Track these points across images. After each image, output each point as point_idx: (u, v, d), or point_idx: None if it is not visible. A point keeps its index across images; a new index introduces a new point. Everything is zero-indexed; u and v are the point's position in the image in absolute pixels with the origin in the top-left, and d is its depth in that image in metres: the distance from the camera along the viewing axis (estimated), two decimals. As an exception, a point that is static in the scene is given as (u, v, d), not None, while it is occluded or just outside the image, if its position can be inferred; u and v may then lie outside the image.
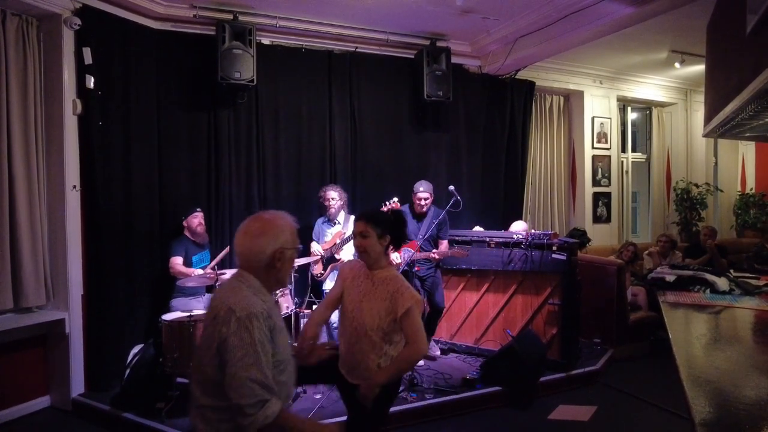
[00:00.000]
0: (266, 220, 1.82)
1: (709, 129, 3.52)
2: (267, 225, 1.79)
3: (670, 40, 5.57)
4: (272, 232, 1.77)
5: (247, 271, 1.78)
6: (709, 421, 1.52)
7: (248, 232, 1.79)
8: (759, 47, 2.24)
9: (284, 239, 1.78)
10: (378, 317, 2.30)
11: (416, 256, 4.38)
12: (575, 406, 3.96)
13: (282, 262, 1.78)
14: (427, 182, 4.64)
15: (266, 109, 4.87)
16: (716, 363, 2.08)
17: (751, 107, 2.46)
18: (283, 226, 1.81)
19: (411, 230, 4.44)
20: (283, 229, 1.80)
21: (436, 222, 4.46)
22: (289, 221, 1.85)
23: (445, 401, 3.86)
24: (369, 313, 2.32)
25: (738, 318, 2.79)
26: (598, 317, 5.10)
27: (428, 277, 4.58)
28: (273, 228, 1.78)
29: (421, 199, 4.55)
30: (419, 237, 4.46)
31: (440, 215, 4.50)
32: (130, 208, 4.23)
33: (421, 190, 4.55)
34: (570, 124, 6.97)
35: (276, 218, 1.83)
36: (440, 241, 4.62)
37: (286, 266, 1.81)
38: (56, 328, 3.89)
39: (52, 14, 3.79)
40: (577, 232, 6.26)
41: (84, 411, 3.83)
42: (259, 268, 1.77)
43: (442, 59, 5.30)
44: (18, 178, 3.71)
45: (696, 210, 7.34)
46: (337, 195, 4.57)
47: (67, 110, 3.87)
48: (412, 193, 4.58)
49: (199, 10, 4.47)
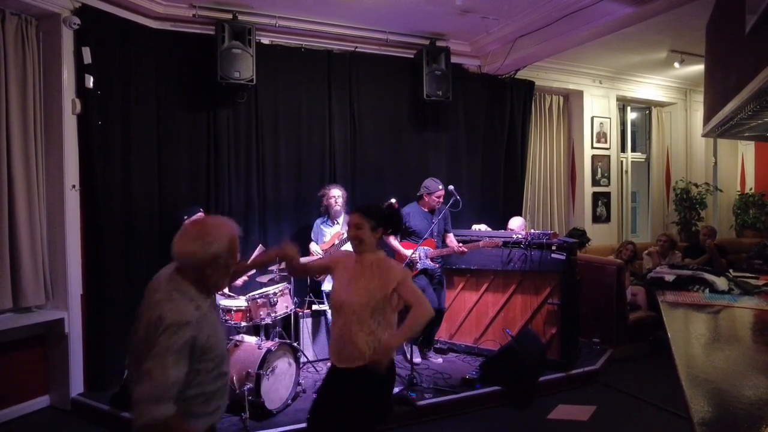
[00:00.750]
0: (205, 224, 1.78)
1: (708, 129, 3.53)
2: (204, 230, 1.73)
3: (669, 39, 5.57)
4: (208, 238, 1.70)
5: (181, 274, 1.73)
6: (708, 420, 1.52)
7: (185, 234, 1.73)
8: (758, 47, 2.24)
9: (218, 247, 1.71)
10: (367, 295, 2.32)
11: (437, 252, 4.46)
12: (575, 406, 3.96)
13: (212, 269, 1.72)
14: (437, 179, 4.63)
15: (266, 109, 4.87)
16: (715, 362, 2.08)
17: (750, 107, 2.46)
18: (221, 233, 1.74)
19: (423, 227, 4.43)
20: (220, 236, 1.72)
21: (441, 218, 4.50)
22: (229, 228, 1.78)
23: (444, 401, 3.86)
24: (357, 292, 2.34)
25: (737, 318, 2.79)
26: (597, 317, 5.10)
27: (437, 276, 4.59)
28: (209, 234, 1.71)
29: (440, 195, 4.53)
30: (435, 235, 4.48)
31: (443, 211, 4.53)
32: (130, 208, 4.23)
33: (440, 187, 4.53)
34: (569, 124, 6.97)
35: (217, 224, 1.77)
36: (447, 235, 4.62)
37: (218, 274, 1.74)
38: (55, 328, 3.89)
39: (51, 14, 3.79)
40: (576, 232, 6.26)
41: (83, 410, 3.84)
42: (192, 273, 1.72)
43: (442, 59, 5.30)
44: (17, 177, 3.71)
45: (695, 210, 7.34)
46: (340, 192, 4.56)
47: (67, 110, 3.87)
48: (427, 192, 4.51)
49: (199, 10, 4.47)
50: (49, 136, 3.90)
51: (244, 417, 3.40)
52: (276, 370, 3.60)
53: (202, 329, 1.67)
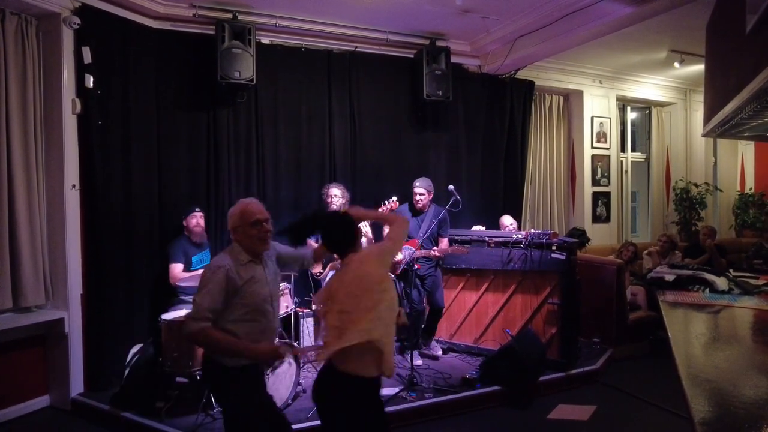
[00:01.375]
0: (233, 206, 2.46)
1: (708, 128, 3.53)
2: (231, 210, 2.45)
3: (669, 39, 5.57)
4: (230, 215, 2.44)
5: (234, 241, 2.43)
6: (709, 420, 1.52)
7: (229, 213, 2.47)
8: (758, 47, 2.24)
9: (234, 221, 2.41)
10: None
11: (417, 254, 4.38)
12: (574, 406, 3.96)
13: (237, 234, 2.40)
14: (425, 179, 4.64)
15: (266, 109, 4.87)
16: (715, 362, 2.08)
17: (750, 107, 2.46)
18: (235, 210, 2.42)
19: (410, 228, 4.43)
20: (233, 212, 2.42)
21: (436, 221, 4.47)
22: (240, 206, 2.43)
23: (444, 401, 3.86)
24: None
25: (737, 317, 2.79)
26: (597, 317, 5.10)
27: (428, 276, 4.58)
28: (231, 213, 2.44)
29: (416, 194, 4.56)
30: (419, 235, 4.46)
31: (441, 213, 4.50)
32: (130, 208, 4.23)
33: (417, 185, 4.56)
34: (569, 124, 6.97)
35: (236, 205, 2.46)
36: (441, 239, 4.62)
37: (246, 240, 2.38)
38: (56, 328, 3.89)
39: (51, 13, 3.79)
40: (576, 232, 6.25)
41: (83, 410, 3.83)
42: (234, 239, 2.42)
43: (442, 59, 5.30)
44: (17, 177, 3.71)
45: (695, 210, 7.35)
46: (339, 192, 4.54)
47: (67, 109, 3.87)
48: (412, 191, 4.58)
49: (199, 10, 4.47)
50: (49, 135, 3.90)
51: (244, 417, 3.40)
52: (276, 370, 3.60)
53: (239, 275, 2.30)
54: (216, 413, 3.48)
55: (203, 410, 3.45)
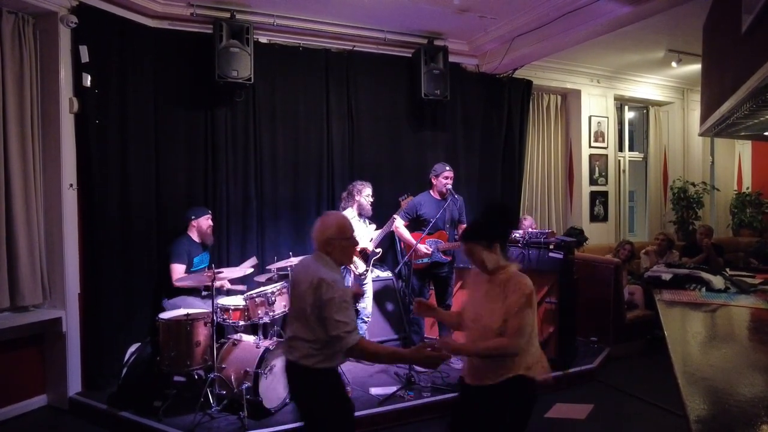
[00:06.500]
0: (324, 218, 2.46)
1: (705, 128, 3.54)
2: (322, 221, 2.42)
3: (667, 39, 5.58)
4: (322, 227, 2.39)
5: (323, 252, 2.38)
6: (704, 418, 1.53)
7: (316, 226, 2.43)
8: (754, 46, 2.25)
9: (330, 232, 2.37)
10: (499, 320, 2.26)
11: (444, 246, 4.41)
12: (572, 405, 3.97)
13: (331, 248, 2.36)
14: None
15: (263, 108, 4.87)
16: (711, 361, 2.10)
17: (746, 106, 2.47)
18: (329, 222, 2.40)
19: (433, 214, 4.40)
20: (328, 224, 2.39)
21: (455, 205, 4.48)
22: (336, 219, 2.44)
23: (442, 400, 3.86)
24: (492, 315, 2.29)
25: (733, 316, 2.80)
26: (594, 316, 5.11)
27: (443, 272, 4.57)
28: (324, 224, 2.40)
29: (448, 178, 4.49)
30: (447, 223, 4.45)
31: (459, 201, 4.52)
32: (127, 207, 4.22)
33: (448, 168, 4.51)
34: (567, 123, 6.98)
35: (328, 217, 2.46)
36: (461, 225, 4.55)
37: (337, 253, 2.37)
38: (53, 327, 3.88)
39: (48, 12, 3.78)
40: (574, 231, 6.26)
41: (81, 410, 3.83)
42: (323, 250, 2.38)
43: (440, 58, 5.30)
44: (14, 176, 3.70)
45: (693, 209, 7.36)
46: (370, 191, 4.53)
47: (64, 108, 3.86)
48: (435, 175, 4.51)
49: (197, 9, 4.46)
50: (46, 134, 3.89)
51: (242, 416, 3.41)
52: (274, 369, 3.60)
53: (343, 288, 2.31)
54: (214, 412, 3.49)
55: (201, 409, 3.45)
